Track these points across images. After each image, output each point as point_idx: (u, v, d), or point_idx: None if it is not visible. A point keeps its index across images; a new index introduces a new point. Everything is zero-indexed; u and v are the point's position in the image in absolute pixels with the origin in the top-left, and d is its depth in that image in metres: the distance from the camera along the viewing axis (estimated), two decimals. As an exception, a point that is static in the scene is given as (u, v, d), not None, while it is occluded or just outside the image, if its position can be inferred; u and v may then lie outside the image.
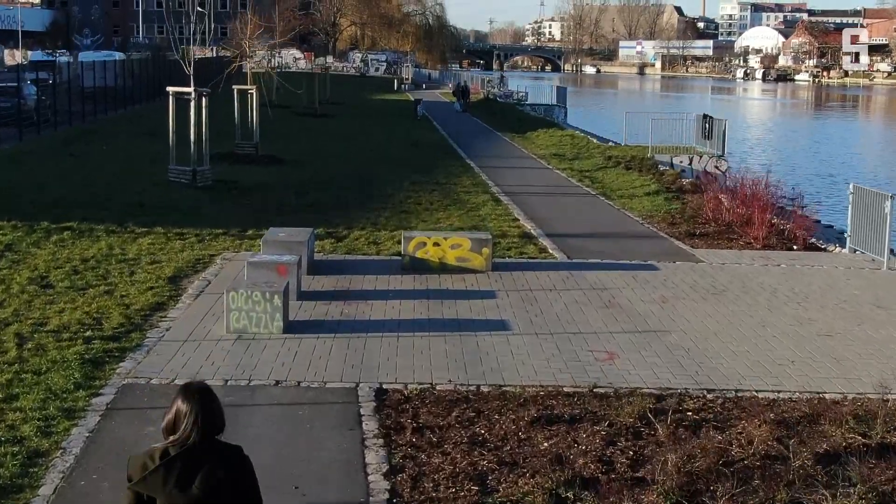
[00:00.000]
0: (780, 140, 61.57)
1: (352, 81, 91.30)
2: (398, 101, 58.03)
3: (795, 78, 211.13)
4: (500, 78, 76.63)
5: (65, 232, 14.50)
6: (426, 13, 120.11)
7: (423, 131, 36.96)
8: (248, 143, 25.03)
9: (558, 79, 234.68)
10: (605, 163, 27.40)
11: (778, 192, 18.00)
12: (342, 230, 15.77)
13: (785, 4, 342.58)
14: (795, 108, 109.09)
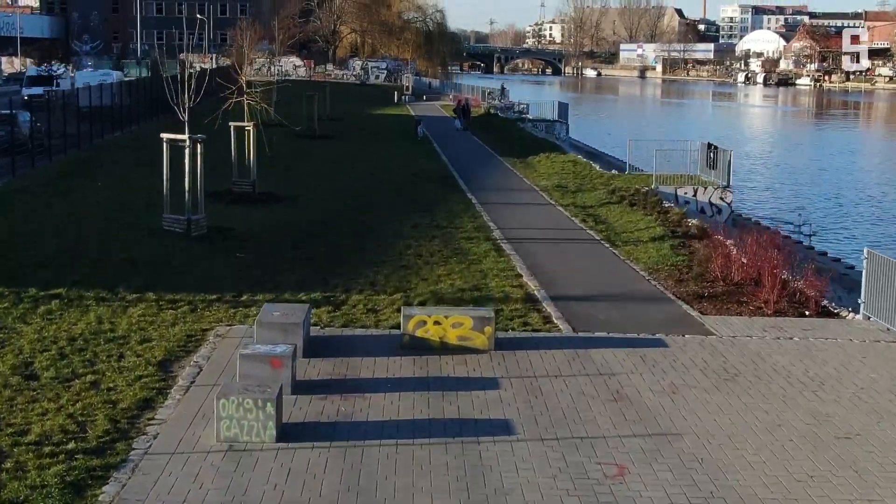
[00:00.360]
0: (783, 156, 61.09)
1: (352, 91, 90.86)
2: (399, 116, 57.57)
3: (797, 82, 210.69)
4: (501, 90, 76.02)
5: (53, 301, 14.03)
6: (426, 20, 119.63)
7: (424, 157, 36.47)
8: (246, 181, 24.57)
9: (559, 83, 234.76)
10: (609, 197, 26.92)
11: (786, 245, 17.48)
12: (339, 293, 15.31)
13: (786, 7, 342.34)
14: (797, 117, 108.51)
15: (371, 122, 52.59)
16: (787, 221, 37.19)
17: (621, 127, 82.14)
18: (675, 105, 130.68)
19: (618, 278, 17.33)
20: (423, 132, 43.25)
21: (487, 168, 34.02)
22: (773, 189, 47.75)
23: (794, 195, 46.50)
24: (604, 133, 77.47)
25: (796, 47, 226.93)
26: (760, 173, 52.89)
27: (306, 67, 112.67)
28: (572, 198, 27.21)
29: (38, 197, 23.49)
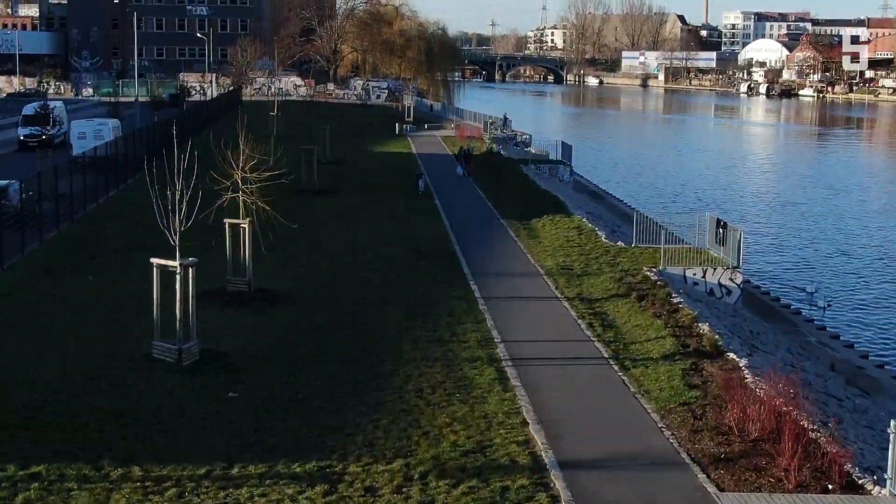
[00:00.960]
0: (789, 195, 60.05)
1: (353, 115, 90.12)
2: (400, 156, 56.75)
3: (799, 93, 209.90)
4: (503, 120, 75.24)
5: (32, 486, 13.22)
6: (428, 38, 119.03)
7: (426, 219, 35.62)
8: (241, 280, 23.76)
9: (560, 94, 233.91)
10: (616, 287, 26.09)
11: (808, 403, 16.60)
12: (336, 460, 14.49)
13: (788, 14, 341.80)
14: (800, 140, 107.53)
15: (372, 165, 51.74)
16: (798, 287, 36.41)
17: (623, 155, 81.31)
18: (676, 123, 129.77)
19: (629, 427, 16.49)
20: (423, 186, 42.46)
21: (490, 237, 33.16)
22: (782, 241, 46.93)
23: (805, 247, 45.68)
24: (606, 163, 76.77)
25: (799, 57, 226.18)
26: (768, 223, 52.04)
27: (307, 87, 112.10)
28: (578, 285, 26.40)
29: (23, 302, 22.72)
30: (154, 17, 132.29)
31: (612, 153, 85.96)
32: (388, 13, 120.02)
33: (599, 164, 76.74)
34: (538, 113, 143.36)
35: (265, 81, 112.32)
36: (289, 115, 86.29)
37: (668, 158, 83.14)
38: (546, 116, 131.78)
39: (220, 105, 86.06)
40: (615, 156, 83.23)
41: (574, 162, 57.64)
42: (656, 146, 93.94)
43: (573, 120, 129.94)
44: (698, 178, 69.39)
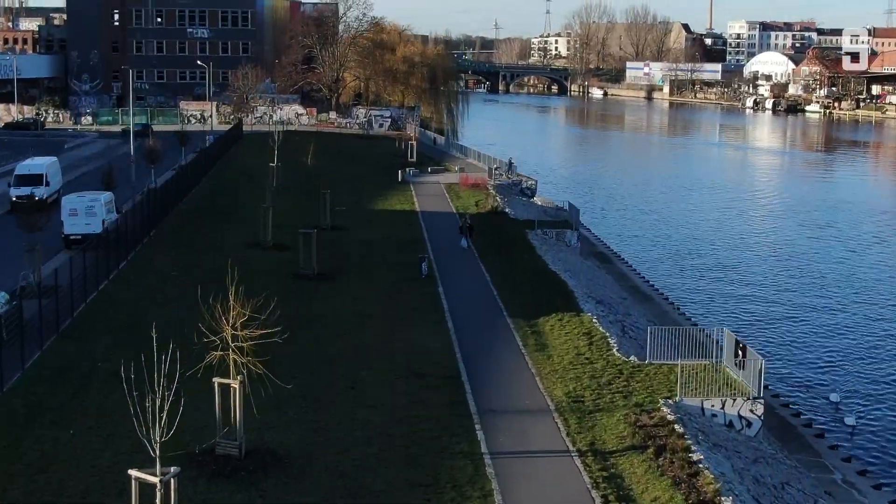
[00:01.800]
0: (805, 268, 57.92)
1: (354, 151, 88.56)
2: (403, 217, 55.08)
3: (806, 109, 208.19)
4: (508, 164, 73.70)
5: None
6: (431, 64, 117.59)
7: (428, 326, 33.92)
8: (231, 443, 22.18)
9: (564, 110, 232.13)
10: (631, 434, 24.46)
11: None
12: None
13: (793, 23, 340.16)
14: (808, 171, 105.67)
15: (374, 234, 50.06)
16: (825, 397, 34.73)
17: (629, 196, 79.39)
18: (681, 150, 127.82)
19: None
20: (426, 269, 40.88)
21: (496, 350, 31.46)
22: (804, 325, 45.20)
23: (831, 336, 43.86)
24: (613, 207, 75.09)
25: (805, 71, 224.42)
26: (789, 301, 50.20)
27: (308, 115, 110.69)
28: (591, 428, 24.84)
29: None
30: (154, 40, 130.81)
31: (618, 193, 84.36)
32: (392, 39, 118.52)
33: (607, 209, 75.26)
34: (541, 137, 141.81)
35: (266, 110, 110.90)
36: (290, 152, 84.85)
37: (676, 200, 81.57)
38: (550, 143, 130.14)
39: (223, 142, 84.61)
40: (621, 197, 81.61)
41: (581, 207, 56.81)
42: (663, 182, 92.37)
43: (577, 147, 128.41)
44: (709, 232, 67.70)
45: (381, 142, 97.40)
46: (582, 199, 79.49)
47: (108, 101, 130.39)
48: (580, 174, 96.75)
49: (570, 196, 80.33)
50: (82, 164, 73.97)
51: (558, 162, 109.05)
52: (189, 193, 60.48)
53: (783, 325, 44.27)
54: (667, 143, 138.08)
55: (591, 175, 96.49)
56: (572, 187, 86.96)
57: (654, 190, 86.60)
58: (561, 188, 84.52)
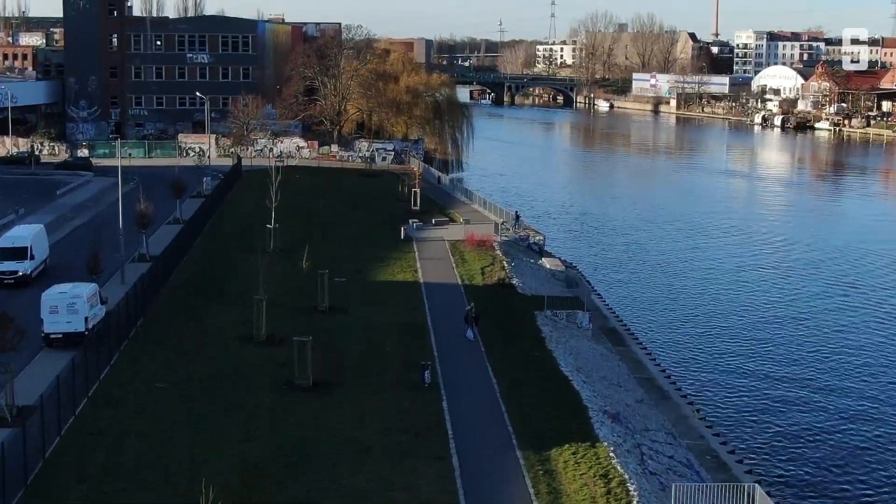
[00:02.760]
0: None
1: (356, 192, 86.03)
2: (406, 295, 52.35)
3: (815, 126, 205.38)
4: (515, 218, 71.14)
5: None
6: (435, 94, 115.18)
7: (429, 458, 31.35)
8: None
9: (570, 126, 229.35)
10: None
11: None
12: None
13: (801, 34, 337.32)
14: (818, 204, 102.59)
15: (375, 321, 47.35)
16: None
17: (635, 248, 76.02)
18: (687, 177, 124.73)
19: None
20: (429, 378, 38.30)
21: (506, 496, 28.97)
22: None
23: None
24: (621, 261, 72.15)
25: (814, 86, 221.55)
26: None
27: (310, 148, 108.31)
28: None
29: None
30: (153, 66, 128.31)
31: (626, 240, 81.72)
32: (395, 69, 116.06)
33: (616, 261, 72.69)
34: (546, 166, 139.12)
35: (267, 143, 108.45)
36: (290, 193, 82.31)
37: (686, 250, 79.01)
38: (555, 175, 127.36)
39: (222, 184, 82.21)
40: (630, 246, 78.82)
41: (589, 260, 54.22)
42: (672, 225, 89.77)
43: (583, 177, 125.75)
44: (723, 295, 65.08)
45: (384, 179, 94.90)
46: (590, 251, 77.21)
47: (107, 127, 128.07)
48: (587, 215, 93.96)
49: (577, 246, 78.24)
50: (74, 216, 71.47)
51: (564, 198, 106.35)
52: (183, 259, 57.93)
53: (827, 453, 41.26)
54: (674, 171, 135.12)
55: (598, 216, 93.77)
56: (579, 233, 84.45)
57: (663, 235, 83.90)
58: (568, 235, 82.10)
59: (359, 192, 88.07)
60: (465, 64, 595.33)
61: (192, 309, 47.48)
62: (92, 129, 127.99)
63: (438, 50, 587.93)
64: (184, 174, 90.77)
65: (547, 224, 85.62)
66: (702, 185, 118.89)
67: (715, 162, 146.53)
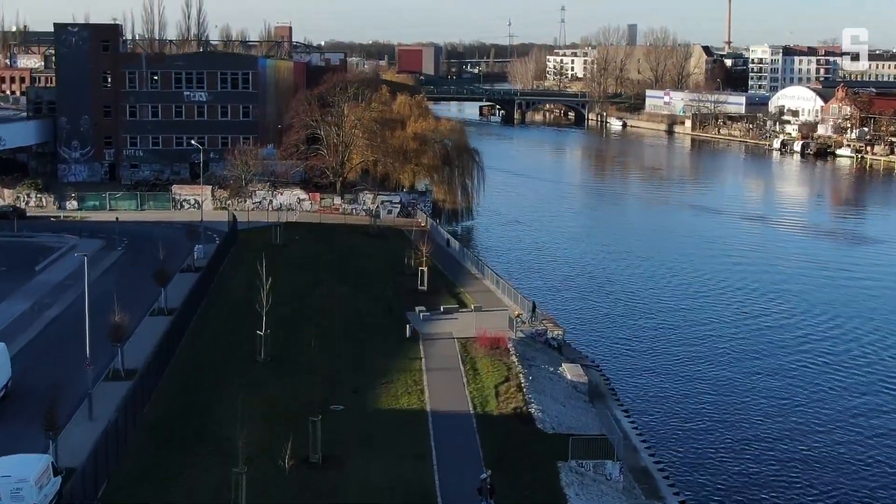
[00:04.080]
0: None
1: (358, 261, 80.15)
2: (410, 425, 46.43)
3: (837, 152, 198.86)
4: (531, 308, 65.02)
5: None
6: (444, 141, 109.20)
7: None
8: None
9: (581, 150, 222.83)
10: None
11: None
12: None
13: (818, 48, 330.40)
14: (848, 261, 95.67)
15: (374, 470, 41.39)
16: None
17: (661, 327, 69.22)
18: (704, 220, 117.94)
19: None
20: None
21: None
22: None
23: None
24: (647, 347, 65.56)
25: (834, 109, 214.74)
26: None
27: (311, 200, 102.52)
28: None
29: None
30: (149, 104, 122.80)
31: (647, 315, 75.57)
32: (402, 112, 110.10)
33: (649, 358, 66.37)
34: (559, 206, 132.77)
35: (266, 195, 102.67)
36: (286, 271, 76.48)
37: (711, 327, 72.89)
38: (568, 221, 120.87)
39: (215, 256, 76.38)
40: (659, 336, 72.46)
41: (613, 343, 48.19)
42: (694, 289, 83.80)
43: (597, 226, 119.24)
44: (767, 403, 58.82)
45: (389, 241, 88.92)
46: (613, 334, 71.09)
47: (100, 169, 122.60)
48: (606, 283, 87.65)
49: (599, 330, 71.82)
50: (51, 302, 65.53)
51: (580, 253, 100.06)
52: (164, 374, 51.98)
53: None
54: (693, 216, 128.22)
55: (618, 282, 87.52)
56: (600, 310, 78.16)
57: (694, 315, 77.55)
58: (589, 315, 75.89)
59: (362, 260, 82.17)
60: (473, 71, 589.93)
61: (165, 465, 41.41)
62: (85, 171, 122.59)
63: (447, 56, 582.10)
64: (174, 236, 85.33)
65: (564, 298, 79.65)
66: (723, 234, 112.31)
67: (731, 196, 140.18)
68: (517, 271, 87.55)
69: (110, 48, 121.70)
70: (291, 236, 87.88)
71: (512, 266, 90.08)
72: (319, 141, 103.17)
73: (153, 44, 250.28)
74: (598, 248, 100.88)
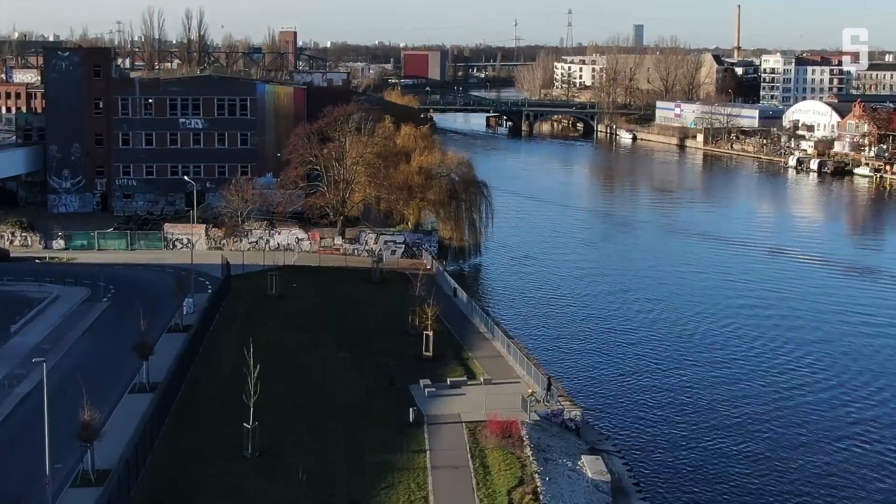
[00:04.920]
0: None
1: (356, 322, 74.86)
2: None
3: (855, 171, 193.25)
4: (547, 386, 59.57)
5: None
6: (451, 174, 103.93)
7: None
8: None
9: (589, 167, 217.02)
10: None
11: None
12: None
13: (830, 57, 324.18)
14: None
15: None
16: None
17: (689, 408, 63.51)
18: (725, 258, 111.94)
19: None
20: None
21: None
22: None
23: None
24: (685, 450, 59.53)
25: (851, 125, 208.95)
26: None
27: (311, 240, 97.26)
28: None
29: None
30: (142, 132, 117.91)
31: (680, 404, 69.91)
32: (407, 145, 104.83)
33: (678, 442, 60.76)
34: (570, 235, 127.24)
35: (263, 234, 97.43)
36: (280, 331, 71.39)
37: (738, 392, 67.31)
38: (580, 256, 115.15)
39: (206, 314, 71.19)
40: (685, 408, 66.96)
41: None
42: (718, 345, 78.26)
43: (610, 262, 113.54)
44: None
45: (392, 291, 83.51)
46: (635, 409, 65.40)
47: (92, 199, 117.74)
48: (621, 328, 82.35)
49: (620, 398, 66.13)
50: (24, 374, 59.99)
51: (593, 297, 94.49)
52: (139, 479, 46.60)
53: None
54: (710, 242, 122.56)
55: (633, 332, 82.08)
56: (617, 366, 72.59)
57: (720, 375, 71.85)
58: (604, 378, 70.30)
59: (363, 315, 76.92)
60: (480, 75, 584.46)
61: None
62: (76, 202, 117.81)
63: (453, 59, 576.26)
64: (164, 283, 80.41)
65: (579, 358, 74.21)
66: (749, 272, 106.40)
67: (757, 231, 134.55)
68: (528, 325, 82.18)
69: (102, 73, 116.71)
70: (288, 285, 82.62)
71: (522, 317, 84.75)
72: (319, 177, 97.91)
73: (152, 55, 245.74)
74: (615, 292, 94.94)
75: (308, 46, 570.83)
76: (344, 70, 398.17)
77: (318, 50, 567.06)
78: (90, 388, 47.81)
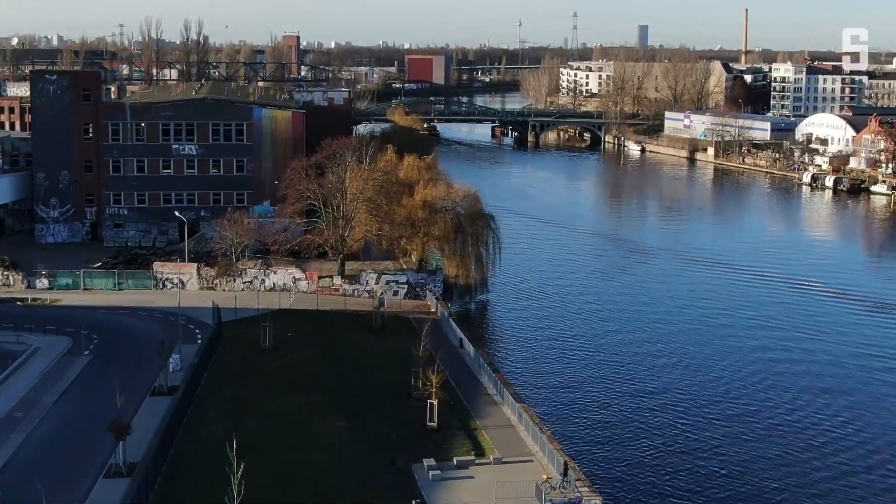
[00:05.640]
0: None
1: (355, 380, 69.74)
2: None
3: (871, 189, 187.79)
4: (564, 471, 54.12)
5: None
6: (456, 208, 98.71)
7: None
8: None
9: (596, 181, 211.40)
10: None
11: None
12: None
13: (841, 65, 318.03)
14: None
15: None
16: None
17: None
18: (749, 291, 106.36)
19: None
20: None
21: None
22: None
23: None
24: None
25: (867, 140, 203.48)
26: None
27: (308, 280, 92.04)
28: None
29: None
30: (134, 159, 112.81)
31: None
32: (410, 176, 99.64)
33: None
34: (579, 263, 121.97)
35: (258, 273, 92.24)
36: (272, 392, 66.26)
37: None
38: (591, 287, 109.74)
39: (193, 374, 66.01)
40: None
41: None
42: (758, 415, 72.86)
43: (621, 291, 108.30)
44: None
45: (394, 342, 78.16)
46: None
47: (81, 229, 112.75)
48: (640, 383, 77.17)
49: (644, 478, 60.73)
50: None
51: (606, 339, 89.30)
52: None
53: None
54: (731, 272, 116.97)
55: (652, 389, 76.88)
56: (639, 433, 67.32)
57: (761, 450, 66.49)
58: (626, 451, 64.95)
59: (363, 371, 71.78)
60: (484, 79, 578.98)
61: None
62: (65, 232, 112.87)
63: (458, 63, 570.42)
64: (151, 331, 75.47)
65: (593, 422, 68.95)
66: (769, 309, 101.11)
67: (760, 247, 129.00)
68: (540, 382, 76.87)
69: (91, 97, 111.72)
70: (283, 334, 77.45)
71: (532, 373, 79.38)
72: (317, 213, 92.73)
73: (150, 65, 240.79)
74: (635, 342, 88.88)
75: (312, 48, 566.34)
76: (347, 75, 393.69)
77: (321, 52, 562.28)
78: (60, 471, 42.87)
